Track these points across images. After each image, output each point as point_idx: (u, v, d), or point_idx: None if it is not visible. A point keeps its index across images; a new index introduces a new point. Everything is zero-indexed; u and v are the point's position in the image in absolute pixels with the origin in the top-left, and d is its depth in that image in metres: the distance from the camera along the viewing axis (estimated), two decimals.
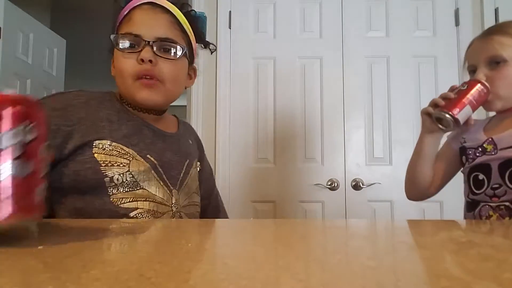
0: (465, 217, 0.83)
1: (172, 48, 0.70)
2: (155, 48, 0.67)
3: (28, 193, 0.33)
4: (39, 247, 0.33)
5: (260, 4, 1.78)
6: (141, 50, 0.67)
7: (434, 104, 0.82)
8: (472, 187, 0.81)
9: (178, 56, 0.70)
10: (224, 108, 1.73)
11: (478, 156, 0.80)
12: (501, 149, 0.76)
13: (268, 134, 1.73)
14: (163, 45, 0.69)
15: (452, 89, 0.82)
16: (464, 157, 0.84)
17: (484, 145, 0.80)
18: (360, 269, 0.27)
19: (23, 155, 0.33)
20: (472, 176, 0.81)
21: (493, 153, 0.77)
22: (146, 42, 0.67)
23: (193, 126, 0.95)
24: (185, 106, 1.79)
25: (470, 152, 0.83)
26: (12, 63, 2.18)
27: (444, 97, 0.81)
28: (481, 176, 0.79)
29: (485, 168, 0.78)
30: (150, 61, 0.66)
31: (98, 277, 0.24)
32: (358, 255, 0.33)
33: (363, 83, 1.73)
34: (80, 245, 0.34)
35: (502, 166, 0.75)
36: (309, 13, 1.77)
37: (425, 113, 0.84)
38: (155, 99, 0.69)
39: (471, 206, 0.81)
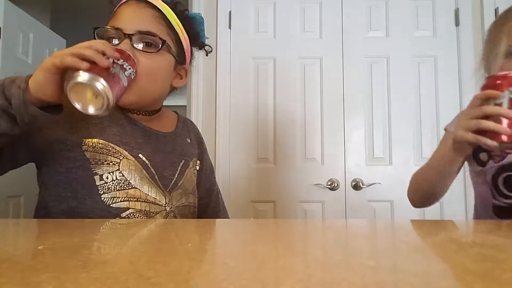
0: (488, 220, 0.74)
1: (153, 42, 0.67)
2: (134, 41, 0.65)
3: (122, 92, 0.57)
4: (39, 247, 0.33)
5: (260, 4, 1.78)
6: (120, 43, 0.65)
7: (489, 131, 0.57)
8: (503, 189, 0.70)
9: (157, 49, 0.67)
10: (224, 108, 1.73)
11: (508, 153, 0.68)
12: None
13: (268, 134, 1.73)
14: (144, 38, 0.66)
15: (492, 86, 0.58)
16: (482, 155, 0.72)
17: None
18: (360, 269, 0.27)
19: (128, 76, 0.58)
20: (502, 176, 0.70)
21: None
22: (126, 35, 0.65)
23: None
24: (185, 106, 1.79)
25: None
26: (12, 63, 2.18)
27: (501, 114, 0.56)
28: None
29: None
30: None
31: (97, 277, 0.24)
32: (358, 255, 0.33)
33: (363, 83, 1.73)
34: (80, 245, 0.34)
35: None
36: (309, 13, 1.77)
37: (469, 142, 0.61)
38: (125, 100, 0.65)
39: (506, 211, 0.70)
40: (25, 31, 2.30)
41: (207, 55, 0.84)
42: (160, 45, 0.67)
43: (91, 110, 0.54)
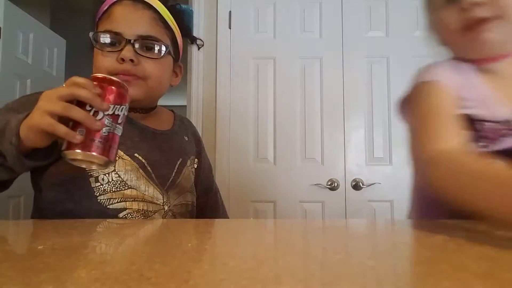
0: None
1: (155, 46, 0.67)
2: (136, 47, 0.65)
3: (115, 146, 0.51)
4: (39, 247, 0.33)
5: (260, 4, 1.78)
6: (122, 49, 0.64)
7: None
8: None
9: (162, 55, 0.67)
10: (224, 108, 1.73)
11: (505, 137, 0.54)
12: None
13: (268, 134, 1.73)
14: (145, 43, 0.66)
15: None
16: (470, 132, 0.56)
17: None
18: (360, 269, 0.27)
19: (121, 123, 0.52)
20: None
21: None
22: (127, 41, 0.64)
23: None
24: (185, 106, 1.79)
25: (486, 127, 0.55)
26: (12, 63, 2.18)
27: None
28: None
29: None
30: (132, 60, 0.64)
31: (98, 277, 0.24)
32: (358, 255, 0.33)
33: (363, 83, 1.73)
34: (80, 245, 0.34)
35: None
36: (309, 13, 1.77)
37: None
38: (133, 95, 0.65)
39: None
40: (25, 31, 2.30)
41: (198, 49, 0.85)
42: (164, 51, 0.68)
43: (94, 168, 0.53)
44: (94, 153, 0.48)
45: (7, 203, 2.16)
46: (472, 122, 0.57)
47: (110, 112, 0.49)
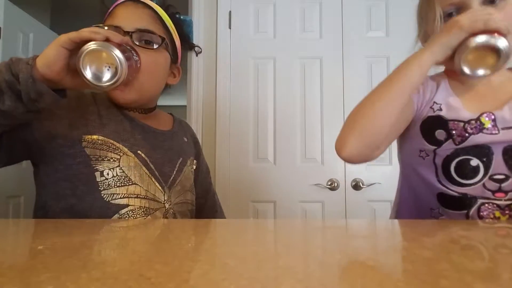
0: (432, 216, 0.66)
1: (152, 39, 0.69)
2: (134, 39, 0.67)
3: (132, 71, 0.59)
4: (39, 247, 0.33)
5: (260, 4, 1.78)
6: None
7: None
8: (454, 175, 0.62)
9: (157, 46, 0.69)
10: (224, 108, 1.73)
11: (471, 134, 0.60)
12: (504, 128, 0.58)
13: (268, 134, 1.73)
14: (143, 35, 0.69)
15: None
16: (439, 133, 0.63)
17: (481, 118, 0.60)
18: (360, 269, 0.27)
19: (135, 61, 0.61)
20: (457, 160, 0.61)
21: (493, 132, 0.59)
22: (125, 32, 0.67)
23: (193, 126, 0.94)
24: (185, 106, 1.79)
25: (456, 127, 0.61)
26: None
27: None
28: (474, 162, 0.60)
29: (483, 151, 0.59)
30: None
31: (98, 277, 0.24)
32: (358, 255, 0.33)
33: (363, 83, 1.73)
34: (80, 245, 0.34)
35: (508, 151, 0.58)
36: (309, 13, 1.77)
37: (475, 31, 0.54)
38: (127, 98, 0.69)
39: (459, 203, 0.62)
40: (25, 31, 2.30)
41: (197, 55, 0.87)
42: (160, 42, 0.70)
43: (105, 77, 0.54)
44: (113, 46, 0.53)
45: (7, 203, 2.16)
46: (447, 123, 0.63)
47: (128, 48, 0.59)
